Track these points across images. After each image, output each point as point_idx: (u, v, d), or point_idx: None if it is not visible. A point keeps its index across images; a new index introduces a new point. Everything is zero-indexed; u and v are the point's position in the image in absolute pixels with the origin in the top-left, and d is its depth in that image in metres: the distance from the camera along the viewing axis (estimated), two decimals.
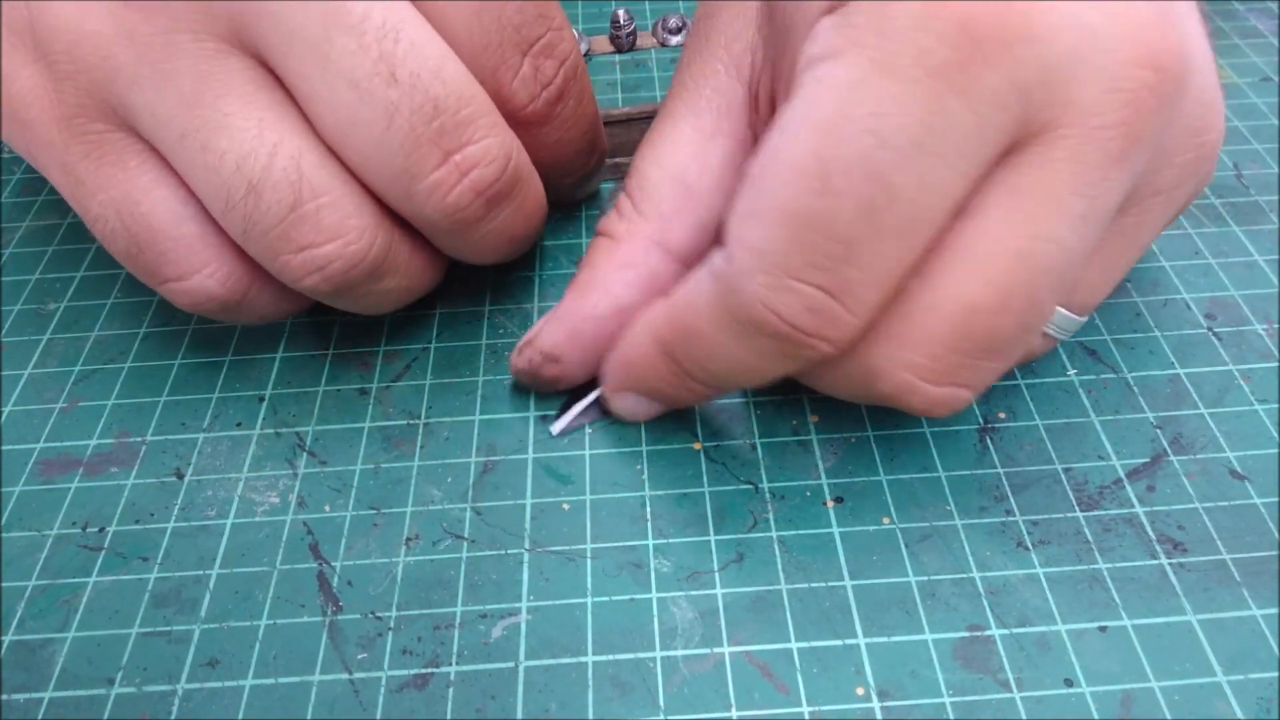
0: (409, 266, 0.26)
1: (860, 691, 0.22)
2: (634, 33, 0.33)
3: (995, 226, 0.20)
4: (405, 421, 0.28)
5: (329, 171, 0.23)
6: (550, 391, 0.28)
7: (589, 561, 0.24)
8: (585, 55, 0.33)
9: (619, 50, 0.33)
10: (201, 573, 0.25)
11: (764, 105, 0.25)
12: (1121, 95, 0.19)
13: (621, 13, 0.33)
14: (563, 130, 0.27)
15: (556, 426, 0.27)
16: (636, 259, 0.26)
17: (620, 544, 0.25)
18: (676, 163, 0.26)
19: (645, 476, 0.26)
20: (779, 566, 0.24)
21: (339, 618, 0.24)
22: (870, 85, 0.19)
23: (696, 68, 0.27)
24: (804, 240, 0.20)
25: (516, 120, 0.25)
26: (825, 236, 0.20)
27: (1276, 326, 0.29)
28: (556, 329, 0.27)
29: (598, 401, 0.27)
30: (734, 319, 0.21)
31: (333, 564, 0.25)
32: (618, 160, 0.35)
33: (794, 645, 0.23)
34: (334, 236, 0.24)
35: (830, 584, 0.24)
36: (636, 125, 0.35)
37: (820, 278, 0.20)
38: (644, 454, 0.27)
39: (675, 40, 0.33)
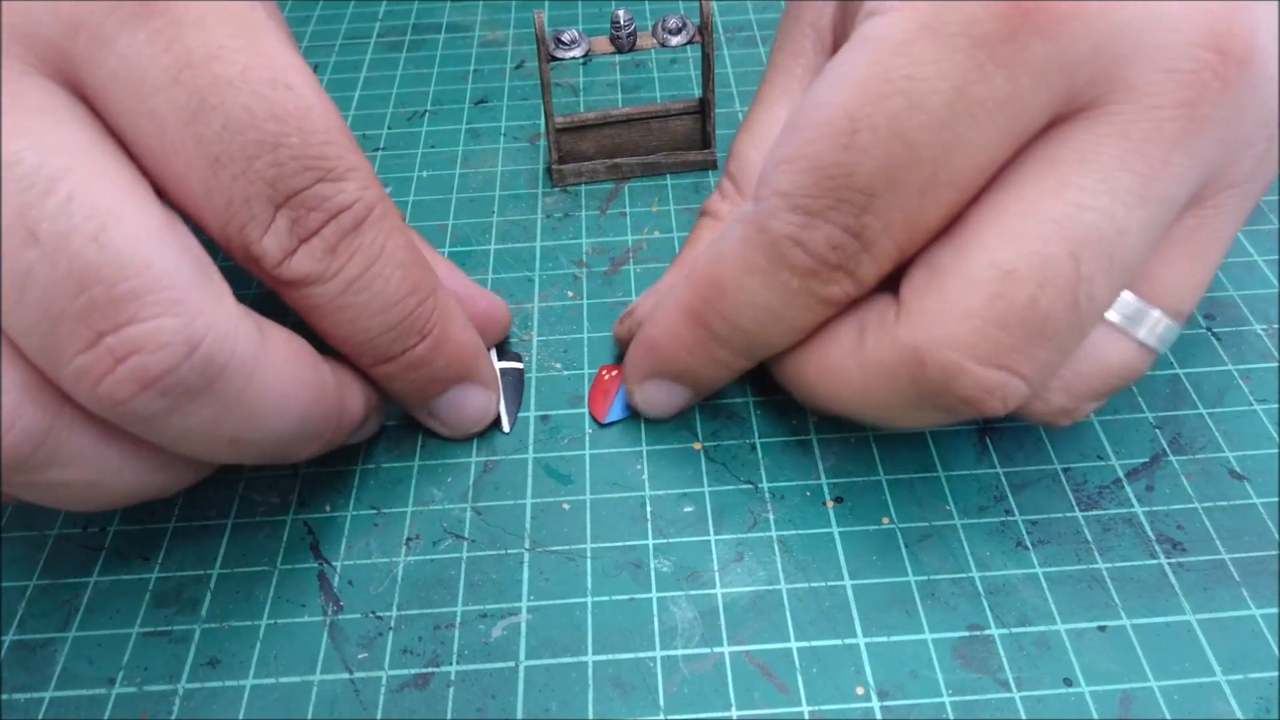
0: (92, 458, 0.21)
1: (860, 691, 0.22)
2: (634, 33, 0.33)
3: (1028, 193, 0.20)
4: (405, 421, 0.28)
5: None
6: None
7: (589, 561, 0.24)
8: (585, 56, 0.33)
9: (619, 50, 0.33)
10: (202, 572, 0.25)
11: None
12: (1182, 76, 0.19)
13: (622, 13, 0.33)
14: (356, 294, 0.22)
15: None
16: None
17: (620, 544, 0.25)
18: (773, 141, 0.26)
19: (645, 476, 0.26)
20: (779, 566, 0.24)
21: (339, 617, 0.24)
22: (913, 47, 0.19)
23: (787, 49, 0.27)
24: (827, 187, 0.20)
25: (279, 281, 0.22)
26: (846, 186, 0.20)
27: (1276, 326, 0.29)
28: (654, 300, 0.27)
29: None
30: (762, 255, 0.22)
31: (333, 564, 0.25)
32: (618, 161, 0.35)
33: (794, 645, 0.23)
34: None
35: (830, 584, 0.24)
36: (636, 125, 0.35)
37: (842, 220, 0.21)
38: (644, 454, 0.27)
39: (675, 40, 0.33)
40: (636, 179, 0.36)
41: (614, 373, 0.29)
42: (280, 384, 0.21)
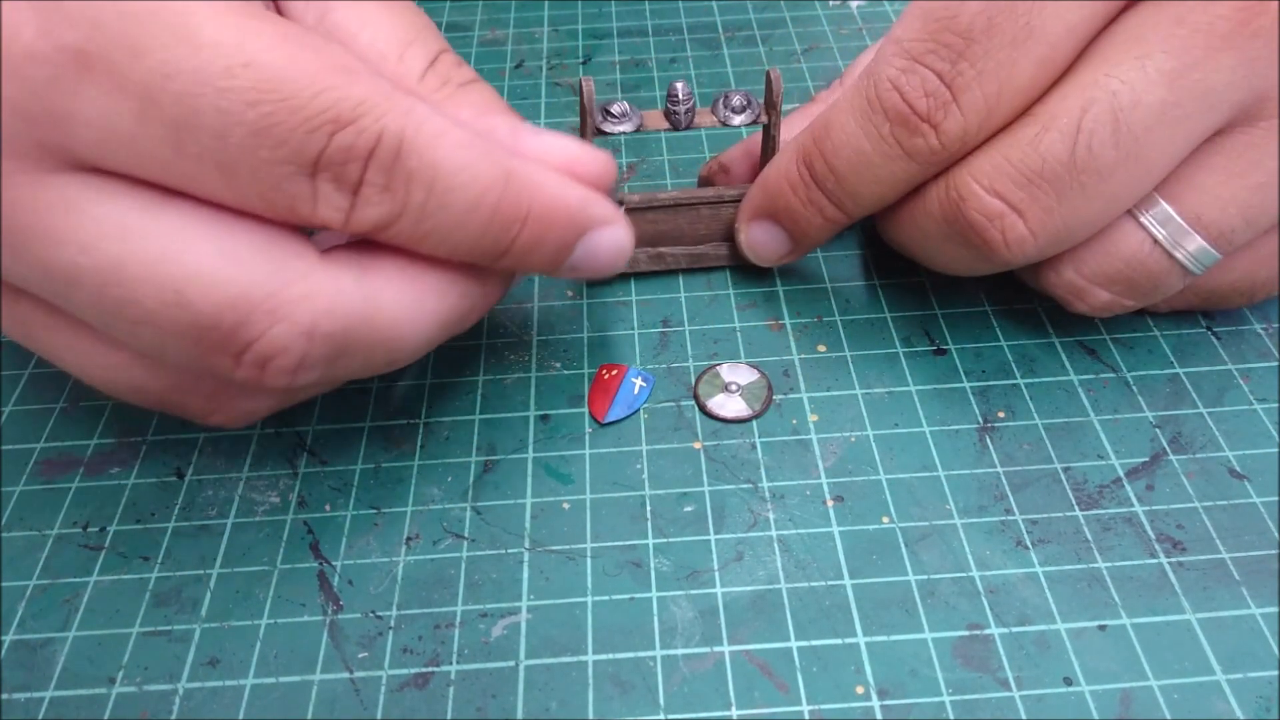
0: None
1: (860, 690, 0.22)
2: (693, 109, 0.29)
3: (1081, 61, 0.24)
4: (405, 421, 0.28)
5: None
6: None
7: (589, 561, 0.24)
8: (636, 131, 0.29)
9: (674, 128, 0.29)
10: (202, 572, 0.25)
11: None
12: None
13: (680, 86, 0.29)
14: (434, 216, 0.22)
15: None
16: (818, 109, 0.30)
17: (620, 543, 0.25)
18: None
19: (645, 476, 0.26)
20: (779, 566, 0.24)
21: (339, 617, 0.24)
22: None
23: None
24: (931, 28, 0.24)
25: (359, 236, 0.22)
26: (949, 27, 0.23)
27: (1276, 326, 0.29)
28: (735, 149, 0.32)
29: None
30: (864, 98, 0.25)
31: (333, 563, 0.25)
32: (661, 250, 0.31)
33: (794, 644, 0.23)
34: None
35: (830, 583, 0.24)
36: (684, 211, 0.31)
37: (939, 65, 0.24)
38: (644, 454, 0.27)
39: (738, 120, 0.29)
40: (683, 272, 0.32)
41: (614, 372, 0.29)
42: (403, 313, 0.23)
